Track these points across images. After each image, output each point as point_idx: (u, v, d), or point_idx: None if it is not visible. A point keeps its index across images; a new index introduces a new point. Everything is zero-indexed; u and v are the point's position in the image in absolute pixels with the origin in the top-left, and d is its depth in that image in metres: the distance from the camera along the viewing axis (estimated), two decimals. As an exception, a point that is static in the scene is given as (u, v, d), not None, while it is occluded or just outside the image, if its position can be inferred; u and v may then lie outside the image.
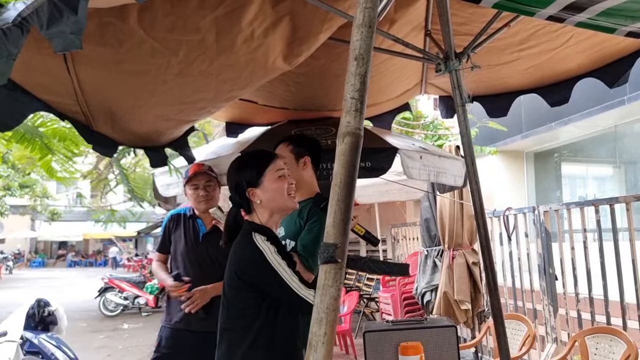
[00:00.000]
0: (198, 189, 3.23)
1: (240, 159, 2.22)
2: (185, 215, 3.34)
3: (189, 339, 3.14)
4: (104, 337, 9.48)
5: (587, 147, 10.78)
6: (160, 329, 3.28)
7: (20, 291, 17.87)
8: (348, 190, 0.84)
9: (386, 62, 3.21)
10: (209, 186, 3.25)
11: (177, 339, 3.17)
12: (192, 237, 3.26)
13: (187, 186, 3.28)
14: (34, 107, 2.26)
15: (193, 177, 3.23)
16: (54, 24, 1.34)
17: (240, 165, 2.15)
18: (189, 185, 3.26)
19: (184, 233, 3.28)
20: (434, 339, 2.87)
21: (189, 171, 3.27)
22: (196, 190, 3.23)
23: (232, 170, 2.15)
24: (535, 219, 5.24)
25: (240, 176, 2.10)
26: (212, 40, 2.13)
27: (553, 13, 1.46)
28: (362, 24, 0.89)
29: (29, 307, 4.59)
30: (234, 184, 2.11)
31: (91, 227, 25.71)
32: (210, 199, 3.24)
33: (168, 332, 3.21)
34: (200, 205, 3.25)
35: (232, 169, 2.16)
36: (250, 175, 2.08)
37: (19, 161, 12.05)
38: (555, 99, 3.54)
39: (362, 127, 0.89)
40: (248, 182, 2.07)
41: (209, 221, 3.23)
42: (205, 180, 3.24)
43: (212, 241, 3.19)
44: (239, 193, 2.10)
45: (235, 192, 2.12)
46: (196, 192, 3.23)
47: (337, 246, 0.82)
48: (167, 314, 3.26)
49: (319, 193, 2.52)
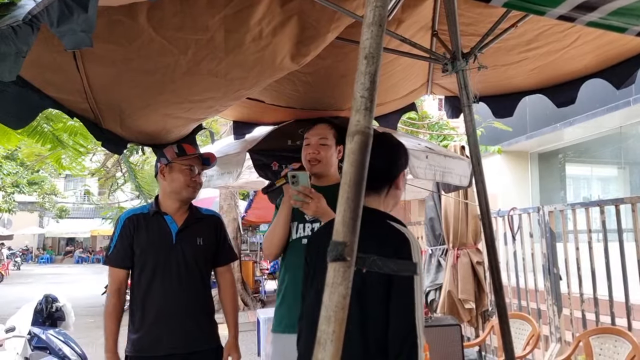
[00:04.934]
0: (194, 172, 2.70)
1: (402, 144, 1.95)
2: (147, 214, 2.69)
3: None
4: (110, 333, 9.50)
5: (591, 148, 10.74)
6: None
7: (28, 287, 17.98)
8: (357, 189, 0.85)
9: (393, 62, 3.22)
10: (200, 174, 2.77)
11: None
12: (164, 240, 2.63)
13: (176, 164, 2.68)
14: (44, 104, 2.28)
15: (192, 157, 2.72)
16: (64, 21, 1.35)
17: (404, 150, 1.91)
18: (183, 164, 2.68)
19: (153, 237, 2.63)
20: (438, 338, 2.89)
21: (184, 147, 2.74)
22: (191, 173, 2.68)
23: (396, 150, 1.88)
24: (540, 219, 5.23)
25: (402, 159, 1.89)
26: (220, 40, 2.14)
27: (564, 12, 1.46)
28: (372, 22, 0.89)
29: (37, 302, 4.62)
30: (396, 164, 1.86)
31: (99, 224, 25.81)
32: (199, 188, 2.76)
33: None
34: (187, 191, 2.68)
35: (398, 149, 1.89)
36: (404, 164, 1.90)
37: (28, 158, 12.12)
38: (562, 100, 3.53)
39: (372, 126, 0.91)
40: (401, 168, 1.88)
41: (180, 216, 2.69)
42: (200, 166, 2.76)
43: (186, 240, 2.65)
44: (391, 176, 1.86)
45: (388, 172, 1.85)
46: (191, 174, 2.68)
47: (347, 244, 0.83)
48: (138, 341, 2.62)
49: None
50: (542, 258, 5.21)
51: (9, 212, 21.73)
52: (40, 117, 3.98)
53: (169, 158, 2.69)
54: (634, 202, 4.16)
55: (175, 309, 2.58)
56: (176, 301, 2.58)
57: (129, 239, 2.62)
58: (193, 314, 2.62)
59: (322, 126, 2.54)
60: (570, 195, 11.22)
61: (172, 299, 2.58)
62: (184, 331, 2.57)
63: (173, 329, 2.56)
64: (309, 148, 2.49)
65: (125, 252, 2.62)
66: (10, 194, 20.41)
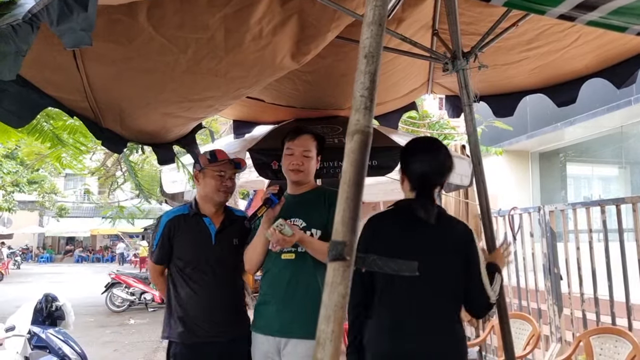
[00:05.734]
0: (224, 177, 2.81)
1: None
2: (187, 215, 2.85)
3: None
4: (111, 332, 9.53)
5: (592, 148, 10.74)
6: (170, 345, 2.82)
7: (27, 286, 17.98)
8: (357, 189, 0.85)
9: (393, 61, 3.21)
10: (232, 178, 2.86)
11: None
12: (204, 240, 2.80)
13: (209, 170, 2.82)
14: (44, 103, 2.28)
15: (223, 163, 2.82)
16: (64, 20, 1.35)
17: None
18: (214, 170, 2.80)
19: (191, 237, 2.81)
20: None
21: (216, 154, 2.84)
22: (222, 178, 2.80)
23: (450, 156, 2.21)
24: (541, 218, 5.23)
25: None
26: (220, 38, 2.14)
27: (564, 12, 1.46)
28: (372, 21, 0.89)
29: (37, 301, 4.62)
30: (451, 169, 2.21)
31: (99, 223, 25.84)
32: (231, 192, 2.87)
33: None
34: (219, 196, 2.81)
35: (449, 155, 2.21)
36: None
37: (28, 157, 12.11)
38: (563, 99, 3.53)
39: (372, 125, 0.90)
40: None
41: (217, 218, 2.84)
42: (232, 171, 2.85)
43: (224, 240, 2.81)
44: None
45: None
46: (221, 180, 2.80)
47: (346, 244, 0.83)
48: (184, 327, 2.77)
49: (319, 185, 2.67)
50: (543, 258, 5.21)
51: (9, 211, 21.69)
52: (40, 115, 3.97)
53: (201, 164, 2.85)
54: (635, 202, 4.15)
55: (213, 303, 2.76)
56: (213, 296, 2.77)
57: (170, 239, 2.82)
58: (228, 306, 2.80)
59: (306, 137, 2.60)
60: (571, 194, 11.22)
61: (210, 293, 2.76)
62: (220, 322, 2.76)
63: (211, 320, 2.75)
64: (293, 158, 2.57)
65: (166, 251, 2.83)
66: (10, 193, 20.40)
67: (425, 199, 2.10)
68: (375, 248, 2.07)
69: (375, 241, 2.08)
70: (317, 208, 2.52)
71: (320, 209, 2.51)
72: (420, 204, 2.07)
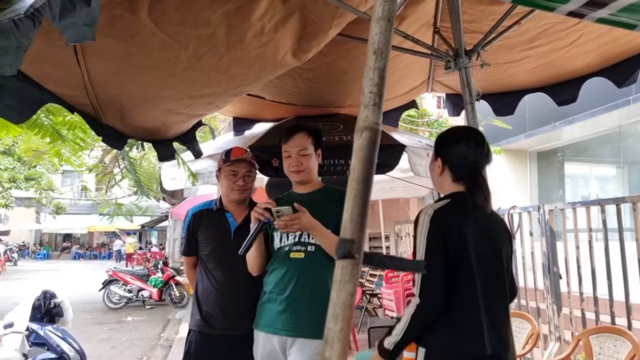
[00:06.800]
0: (237, 176, 2.86)
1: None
2: (211, 210, 2.98)
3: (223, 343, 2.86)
4: (108, 329, 9.51)
5: (591, 147, 10.74)
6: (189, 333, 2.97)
7: (24, 283, 17.95)
8: (365, 186, 0.84)
9: (394, 59, 3.20)
10: (248, 176, 2.90)
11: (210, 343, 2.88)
12: (223, 234, 2.90)
13: (223, 170, 2.90)
14: (45, 98, 2.27)
15: (235, 162, 2.87)
16: (67, 15, 1.34)
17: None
18: (227, 170, 2.88)
19: (213, 231, 2.93)
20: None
21: (230, 154, 2.89)
22: (234, 177, 2.86)
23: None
24: (540, 217, 5.23)
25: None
26: (221, 35, 2.13)
27: (574, 9, 1.43)
28: (381, 17, 0.88)
29: (35, 298, 4.61)
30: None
31: (96, 220, 25.80)
32: (246, 189, 2.92)
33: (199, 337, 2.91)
34: (233, 194, 2.89)
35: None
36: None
37: (25, 154, 12.08)
38: (563, 98, 3.53)
39: (380, 122, 0.89)
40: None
41: (239, 214, 2.93)
42: (246, 169, 2.89)
43: (243, 236, 2.76)
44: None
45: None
46: (234, 179, 2.87)
47: (354, 242, 0.82)
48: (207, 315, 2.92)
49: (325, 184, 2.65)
50: (542, 257, 5.21)
51: (5, 208, 21.64)
52: (40, 110, 3.97)
53: (218, 164, 2.95)
54: (635, 201, 4.15)
55: (229, 297, 2.85)
56: (232, 289, 2.85)
57: (194, 232, 2.96)
58: (244, 301, 2.80)
59: (300, 136, 2.55)
60: (569, 194, 11.23)
61: (229, 287, 2.85)
62: (235, 316, 2.81)
63: (226, 313, 2.84)
64: (291, 160, 2.54)
65: (191, 243, 2.98)
66: (7, 190, 20.35)
67: (480, 188, 2.04)
68: (456, 243, 1.94)
69: (453, 236, 1.95)
70: (326, 207, 2.48)
71: (330, 208, 2.46)
72: (479, 192, 2.02)
